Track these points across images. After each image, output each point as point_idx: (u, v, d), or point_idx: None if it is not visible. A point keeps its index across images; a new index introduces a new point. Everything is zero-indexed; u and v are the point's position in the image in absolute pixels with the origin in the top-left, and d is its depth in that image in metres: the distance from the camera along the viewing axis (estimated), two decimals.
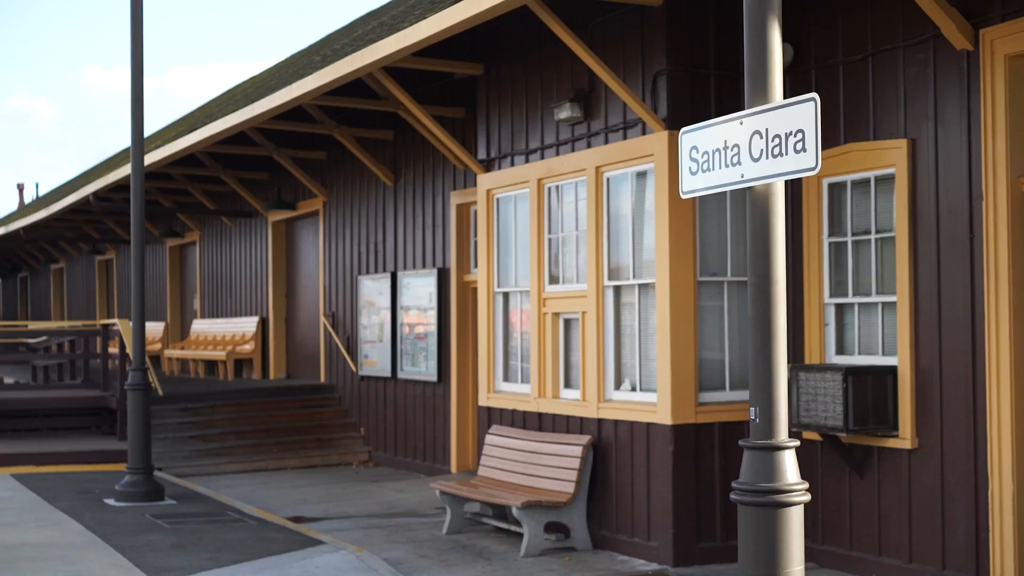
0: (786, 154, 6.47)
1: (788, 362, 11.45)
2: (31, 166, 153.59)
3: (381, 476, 19.28)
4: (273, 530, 13.68)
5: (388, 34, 14.56)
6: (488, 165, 15.18)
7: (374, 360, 20.78)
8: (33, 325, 40.09)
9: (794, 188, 11.82)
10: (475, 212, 17.82)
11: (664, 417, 12.03)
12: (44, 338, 30.37)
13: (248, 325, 26.18)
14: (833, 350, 11.66)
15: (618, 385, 12.89)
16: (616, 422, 12.75)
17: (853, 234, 11.49)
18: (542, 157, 14.09)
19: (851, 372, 10.80)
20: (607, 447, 12.86)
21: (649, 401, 12.34)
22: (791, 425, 11.17)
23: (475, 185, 16.01)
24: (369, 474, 19.63)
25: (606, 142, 13.01)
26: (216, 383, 24.93)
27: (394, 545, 13.31)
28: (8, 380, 27.13)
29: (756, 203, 6.69)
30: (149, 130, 43.00)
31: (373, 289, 20.85)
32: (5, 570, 11.28)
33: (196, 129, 21.43)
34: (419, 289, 19.44)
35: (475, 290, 17.59)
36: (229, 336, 26.87)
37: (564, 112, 13.31)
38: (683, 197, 7.28)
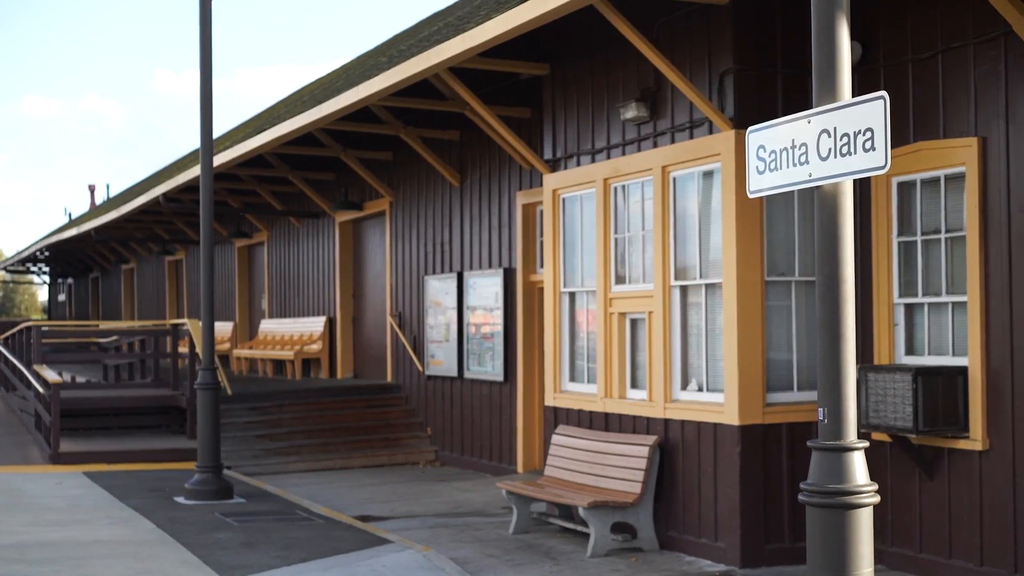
0: (854, 153, 6.43)
1: (857, 363, 11.36)
2: (102, 167, 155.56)
3: (447, 476, 19.32)
4: (340, 529, 13.76)
5: (454, 35, 14.59)
6: (554, 165, 15.17)
7: (441, 360, 20.84)
8: (104, 325, 40.53)
9: (862, 187, 11.72)
10: (541, 212, 17.82)
11: (731, 418, 11.97)
12: (115, 338, 30.69)
13: (316, 325, 26.33)
14: (902, 350, 11.55)
15: (685, 385, 12.84)
16: (683, 422, 12.70)
17: (923, 233, 11.37)
18: (608, 157, 14.06)
19: (921, 373, 10.69)
20: (674, 447, 12.82)
21: (716, 401, 12.29)
22: (860, 426, 11.08)
23: (541, 185, 16.01)
24: (435, 474, 19.69)
25: (672, 141, 12.97)
26: (284, 383, 25.09)
27: (461, 544, 13.34)
28: (80, 379, 27.43)
29: (824, 202, 6.64)
30: (217, 132, 43.34)
31: (439, 289, 20.91)
32: (78, 567, 11.43)
33: (264, 130, 21.57)
34: (485, 289, 19.47)
35: (541, 290, 17.59)
36: (297, 336, 27.03)
37: (630, 112, 13.29)
38: (750, 197, 7.25)
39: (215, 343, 16.55)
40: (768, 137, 6.99)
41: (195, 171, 23.08)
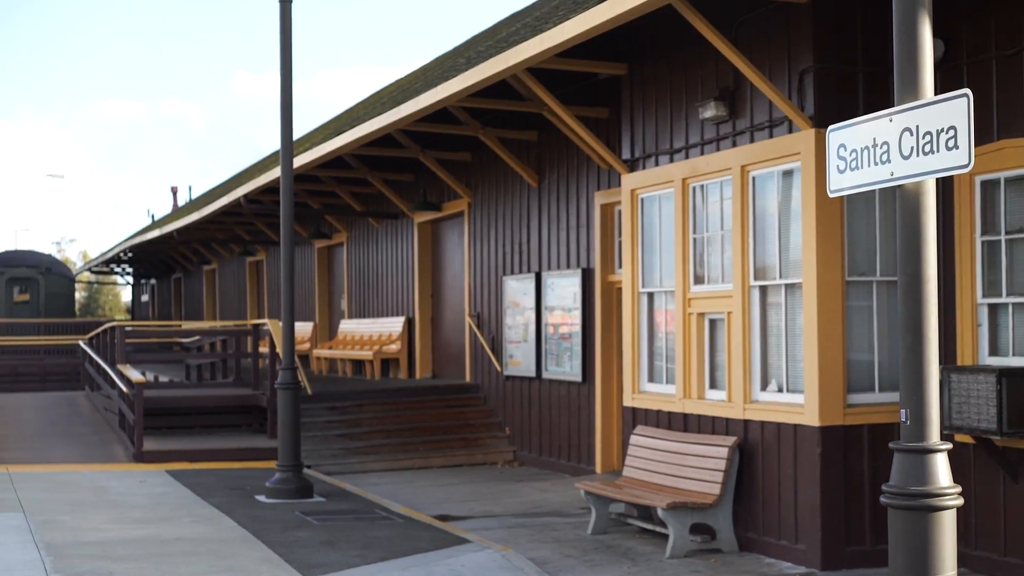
0: (937, 151, 6.36)
1: (939, 363, 11.23)
2: (184, 169, 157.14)
3: (526, 476, 19.35)
4: (419, 528, 13.82)
5: (532, 35, 14.61)
6: (632, 165, 15.15)
7: (519, 360, 20.87)
8: (186, 325, 41.06)
9: (945, 186, 11.59)
10: (619, 212, 17.79)
11: (812, 419, 11.89)
12: (197, 338, 31.10)
13: (395, 325, 26.47)
14: (986, 351, 11.40)
15: (764, 386, 12.76)
16: (762, 423, 12.63)
17: (1007, 232, 11.22)
18: (686, 156, 14.01)
19: (1005, 374, 10.55)
20: (753, 448, 12.75)
21: (796, 402, 12.21)
22: (942, 427, 10.94)
23: (619, 185, 15.99)
24: (514, 474, 19.72)
25: (751, 141, 12.90)
26: (363, 382, 25.25)
27: (539, 545, 13.35)
28: (163, 379, 27.79)
29: (906, 201, 6.58)
30: (297, 133, 43.69)
31: (518, 289, 20.93)
32: (161, 564, 11.57)
33: (343, 132, 21.73)
34: (563, 289, 19.47)
35: (619, 290, 17.56)
36: (376, 336, 27.19)
37: (709, 111, 13.23)
38: (831, 196, 7.20)
39: (295, 343, 16.69)
40: (849, 136, 6.93)
41: (275, 173, 23.29)
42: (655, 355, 14.85)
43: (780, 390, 12.55)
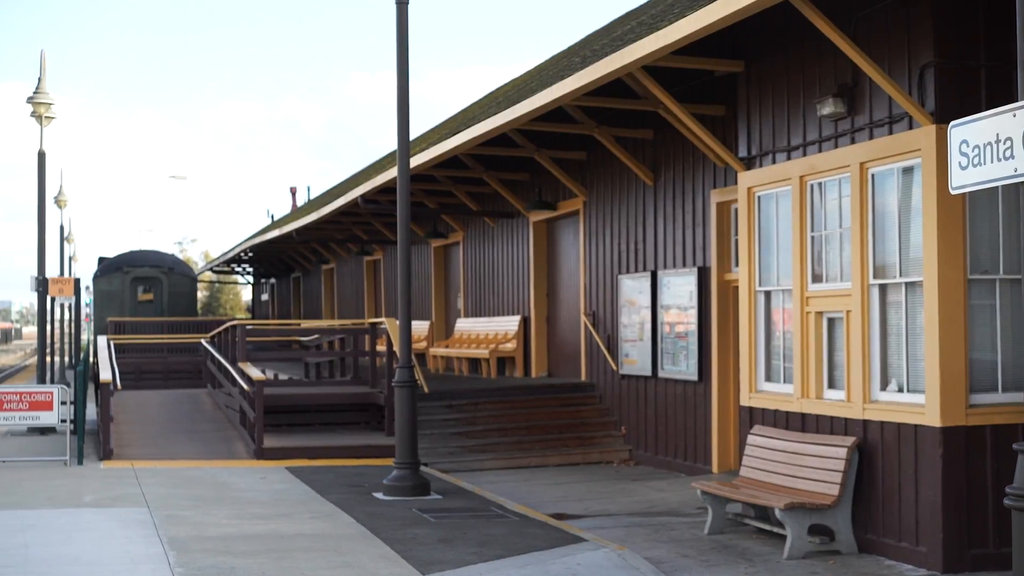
0: None
1: None
2: (302, 170, 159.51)
3: (641, 475, 19.31)
4: (535, 526, 13.86)
5: (647, 33, 14.57)
6: (749, 163, 15.04)
7: (634, 359, 20.82)
8: (305, 324, 41.53)
9: None
10: (736, 210, 17.66)
11: (933, 419, 11.71)
12: (316, 336, 31.48)
13: (510, 324, 26.55)
14: None
15: (884, 386, 12.60)
16: (882, 423, 12.47)
17: None
18: (804, 154, 13.88)
19: None
20: (873, 449, 12.59)
21: (917, 403, 12.04)
22: None
23: (736, 183, 15.89)
24: (629, 473, 19.69)
25: (870, 137, 12.74)
26: (479, 381, 25.36)
27: (655, 544, 13.32)
28: (282, 377, 28.17)
29: None
30: (412, 133, 44.01)
31: (633, 288, 20.89)
32: (281, 559, 11.75)
33: (459, 132, 21.85)
34: (679, 288, 19.39)
35: (736, 289, 17.44)
36: (492, 335, 27.30)
37: (827, 108, 13.10)
38: (952, 192, 7.10)
39: (412, 342, 16.81)
40: (971, 131, 6.84)
41: (392, 173, 23.50)
42: (772, 354, 14.73)
43: (900, 390, 12.38)
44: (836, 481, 12.62)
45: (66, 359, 48.67)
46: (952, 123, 6.99)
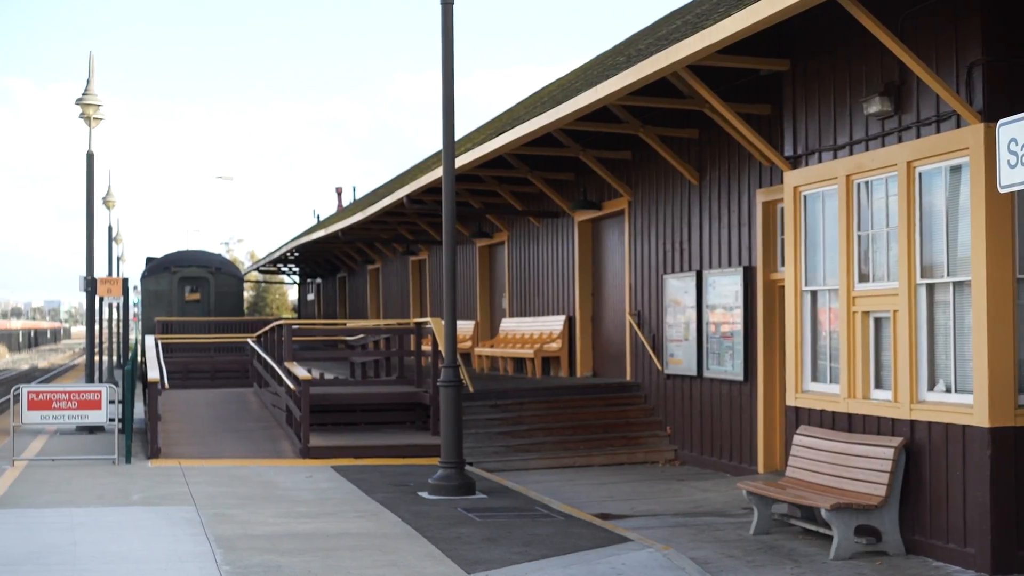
0: None
1: None
2: (348, 170, 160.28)
3: (687, 475, 19.27)
4: (580, 526, 13.86)
5: (692, 32, 14.53)
6: (795, 162, 14.98)
7: (680, 359, 20.78)
8: (351, 323, 41.66)
9: None
10: (781, 210, 17.59)
11: (981, 419, 11.63)
12: (361, 336, 31.52)
13: (555, 324, 26.55)
14: None
15: (932, 386, 12.52)
16: (930, 424, 12.39)
17: None
18: (850, 153, 13.81)
19: None
20: (920, 449, 12.52)
21: (965, 403, 11.96)
22: None
23: (781, 182, 15.83)
24: (675, 473, 19.65)
25: (918, 136, 12.66)
26: (524, 380, 25.38)
27: (700, 544, 13.29)
28: (328, 376, 28.26)
29: None
30: (457, 133, 44.09)
31: (679, 288, 20.85)
32: (327, 558, 11.80)
33: (504, 132, 21.87)
34: (725, 288, 19.34)
35: (782, 288, 17.37)
36: (537, 334, 27.31)
37: (873, 106, 13.03)
38: (1001, 191, 7.05)
39: (457, 341, 16.83)
40: (1020, 130, 6.79)
41: (437, 173, 23.54)
42: (818, 354, 14.67)
43: (948, 390, 12.30)
44: (883, 482, 12.55)
45: (114, 358, 49.01)
46: (1000, 121, 6.94)
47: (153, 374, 22.18)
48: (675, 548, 12.67)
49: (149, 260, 54.52)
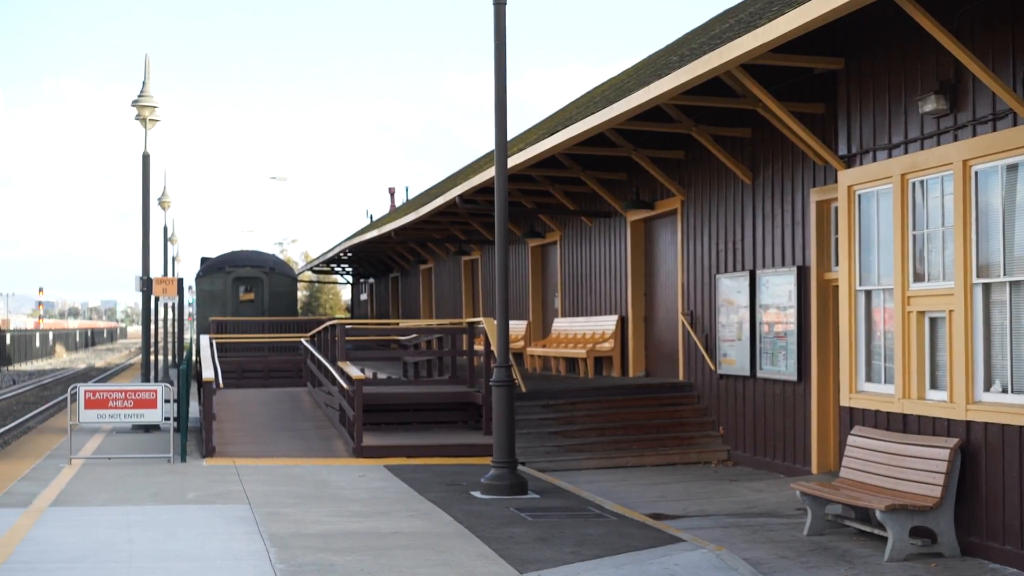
0: None
1: None
2: (400, 170, 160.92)
3: (740, 475, 19.19)
4: (632, 526, 13.84)
5: (745, 31, 14.48)
6: (849, 161, 14.89)
7: (733, 359, 20.70)
8: (404, 323, 41.78)
9: None
10: (835, 209, 17.49)
11: None
12: (414, 336, 31.61)
13: (608, 323, 26.52)
14: None
15: (988, 386, 12.42)
16: (986, 424, 12.29)
17: None
18: (905, 151, 13.72)
19: None
20: (976, 450, 12.41)
21: (1022, 404, 11.85)
22: None
23: (835, 182, 15.74)
24: (728, 473, 19.58)
25: (974, 134, 12.56)
26: (576, 380, 25.36)
27: (754, 545, 13.24)
28: (381, 376, 28.35)
29: None
30: (509, 133, 44.10)
31: (731, 288, 20.77)
32: (380, 557, 11.85)
33: (556, 131, 21.86)
34: (778, 288, 19.25)
35: (836, 288, 17.27)
36: (589, 334, 27.28)
37: (929, 105, 12.93)
38: None
39: (509, 341, 16.85)
40: None
41: (489, 173, 23.57)
42: (873, 354, 14.58)
43: (1004, 391, 12.19)
44: (938, 483, 12.46)
45: (169, 358, 49.41)
46: None
47: (208, 373, 22.34)
48: (728, 549, 12.62)
49: (204, 260, 54.93)
